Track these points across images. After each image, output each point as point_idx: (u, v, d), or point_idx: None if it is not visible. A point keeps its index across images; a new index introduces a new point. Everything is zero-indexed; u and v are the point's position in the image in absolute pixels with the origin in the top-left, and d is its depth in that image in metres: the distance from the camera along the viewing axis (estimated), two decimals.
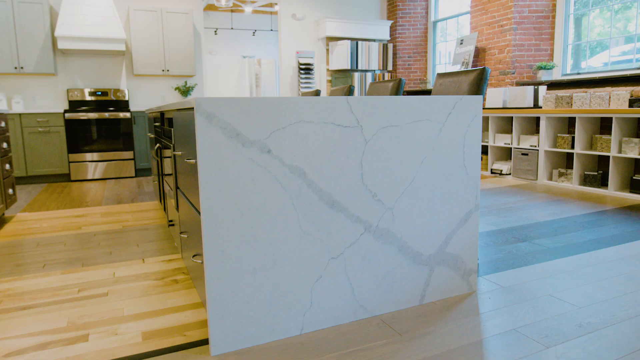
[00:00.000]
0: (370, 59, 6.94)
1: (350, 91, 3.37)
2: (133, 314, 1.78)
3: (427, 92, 6.71)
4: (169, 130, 2.45)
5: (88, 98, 5.68)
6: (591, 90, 4.44)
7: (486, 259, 2.37)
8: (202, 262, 1.50)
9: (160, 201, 3.56)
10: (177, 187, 2.26)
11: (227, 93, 10.42)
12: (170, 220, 2.75)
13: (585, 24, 4.82)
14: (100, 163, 5.44)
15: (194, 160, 1.52)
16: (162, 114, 2.91)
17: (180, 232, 2.22)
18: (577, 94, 4.33)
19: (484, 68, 2.17)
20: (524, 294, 1.92)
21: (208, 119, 1.39)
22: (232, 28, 10.17)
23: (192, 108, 1.58)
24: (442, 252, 1.85)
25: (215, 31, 10.05)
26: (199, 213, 1.52)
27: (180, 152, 1.96)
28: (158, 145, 2.85)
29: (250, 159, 1.46)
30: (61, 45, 5.12)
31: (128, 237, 2.92)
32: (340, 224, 1.63)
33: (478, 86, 2.19)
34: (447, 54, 6.82)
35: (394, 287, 1.77)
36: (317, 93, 3.92)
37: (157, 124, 3.19)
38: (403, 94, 2.76)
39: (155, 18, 5.72)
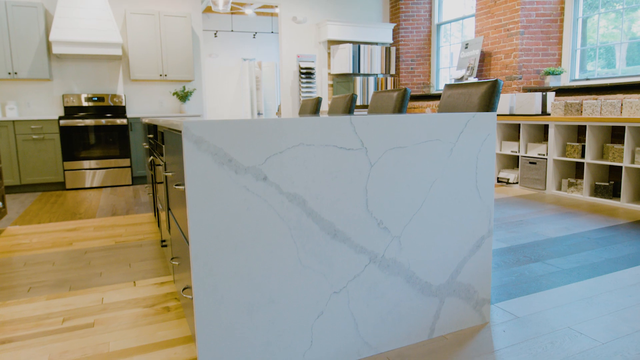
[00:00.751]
0: (373, 62, 6.80)
1: (352, 100, 3.23)
2: (119, 350, 1.64)
3: (431, 97, 6.57)
4: (161, 146, 2.32)
5: (84, 104, 5.55)
6: (602, 97, 4.30)
7: (498, 283, 2.23)
8: (192, 298, 1.36)
9: (155, 215, 3.43)
10: (168, 209, 2.13)
11: (226, 97, 10.30)
12: (163, 240, 2.62)
13: (594, 28, 4.67)
14: (96, 171, 5.31)
15: (182, 187, 1.38)
16: (155, 126, 2.78)
17: (172, 258, 2.09)
18: (587, 101, 4.19)
19: (496, 80, 2.04)
20: (541, 326, 1.77)
21: (197, 145, 1.25)
22: (232, 30, 10.05)
23: (181, 131, 1.45)
24: (453, 281, 1.71)
25: (215, 33, 9.92)
26: (188, 243, 1.39)
27: (170, 173, 1.83)
28: (152, 158, 2.71)
29: (245, 187, 1.32)
30: (56, 50, 4.99)
31: (120, 255, 2.79)
32: (343, 255, 1.49)
33: (490, 100, 2.05)
34: (451, 57, 6.68)
35: (401, 321, 1.63)
36: (318, 101, 3.78)
37: (150, 135, 3.06)
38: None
39: (152, 22, 5.60)
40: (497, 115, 4.89)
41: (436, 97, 6.45)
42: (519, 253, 2.68)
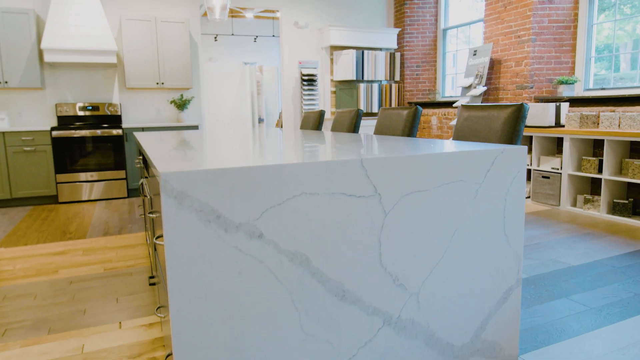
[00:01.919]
0: (377, 68, 6.59)
1: (358, 116, 3.02)
2: None
3: (437, 104, 6.35)
4: (148, 176, 2.11)
5: (78, 113, 5.35)
6: (619, 109, 4.08)
7: (522, 326, 2.02)
8: None
9: (147, 238, 3.22)
10: (155, 249, 1.92)
11: (227, 101, 10.10)
12: (152, 277, 2.41)
13: (609, 35, 4.45)
14: (90, 183, 5.11)
15: (163, 244, 1.17)
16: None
17: (157, 308, 1.88)
18: (605, 113, 3.97)
19: (522, 105, 1.82)
20: None
21: (178, 201, 1.04)
22: (232, 34, 9.85)
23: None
24: (477, 340, 1.50)
25: (215, 37, 9.72)
26: (169, 311, 1.18)
27: (154, 215, 1.62)
28: (142, 181, 2.50)
29: (236, 247, 1.11)
30: (48, 58, 4.79)
31: (108, 287, 2.58)
32: (353, 318, 1.28)
33: (515, 127, 1.84)
34: (457, 63, 6.47)
35: None
36: (321, 114, 3.57)
37: (140, 157, 2.85)
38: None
39: (148, 28, 5.39)
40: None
41: (442, 104, 6.23)
42: (540, 286, 2.46)
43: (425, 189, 1.34)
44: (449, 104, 6.13)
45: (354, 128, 3.00)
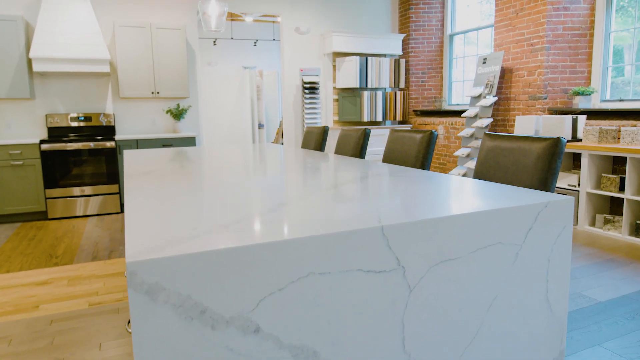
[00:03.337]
0: (381, 75, 6.35)
1: (365, 137, 2.78)
2: None
3: (443, 113, 6.12)
4: None
5: (70, 124, 5.12)
6: None
7: None
8: None
9: None
10: None
11: (226, 106, 9.87)
12: None
13: (629, 45, 4.21)
14: (81, 199, 4.88)
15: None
16: None
17: None
18: (626, 128, 3.73)
19: (559, 139, 1.59)
20: None
21: (151, 297, 0.81)
22: (232, 38, 9.62)
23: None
24: None
25: (215, 41, 9.49)
26: None
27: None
28: None
29: (227, 347, 0.88)
30: (37, 67, 4.56)
31: (91, 328, 2.34)
32: None
33: (549, 164, 1.60)
34: (465, 70, 6.23)
35: None
36: (324, 131, 3.34)
37: None
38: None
39: (143, 35, 5.16)
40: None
41: (449, 113, 6.00)
42: (569, 329, 2.23)
43: (457, 257, 1.10)
44: (456, 113, 5.89)
45: (361, 150, 2.76)
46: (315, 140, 3.38)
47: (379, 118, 6.37)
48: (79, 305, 2.64)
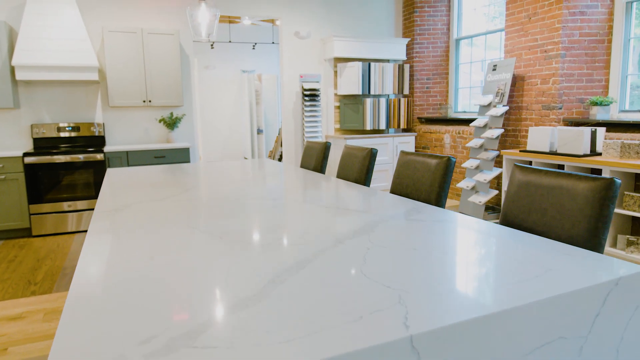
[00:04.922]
0: (385, 82, 6.08)
1: (371, 158, 2.51)
2: None
3: (449, 121, 5.84)
4: None
5: (57, 134, 4.84)
6: None
7: None
8: None
9: None
10: None
11: (225, 110, 9.61)
12: None
13: None
14: (67, 214, 4.60)
15: None
16: None
17: None
18: None
19: (612, 180, 1.32)
20: None
21: None
22: (230, 41, 9.35)
23: None
24: None
25: (212, 45, 9.22)
26: None
27: None
28: None
29: None
30: (20, 75, 4.29)
31: None
32: None
33: (601, 210, 1.33)
34: (471, 76, 5.96)
35: None
36: (325, 147, 3.07)
37: None
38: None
39: (134, 40, 4.89)
40: (533, 152, 4.15)
41: (455, 121, 5.72)
42: None
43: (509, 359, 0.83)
44: (463, 121, 5.62)
45: (366, 174, 2.49)
46: (316, 157, 3.11)
47: (382, 126, 6.10)
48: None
